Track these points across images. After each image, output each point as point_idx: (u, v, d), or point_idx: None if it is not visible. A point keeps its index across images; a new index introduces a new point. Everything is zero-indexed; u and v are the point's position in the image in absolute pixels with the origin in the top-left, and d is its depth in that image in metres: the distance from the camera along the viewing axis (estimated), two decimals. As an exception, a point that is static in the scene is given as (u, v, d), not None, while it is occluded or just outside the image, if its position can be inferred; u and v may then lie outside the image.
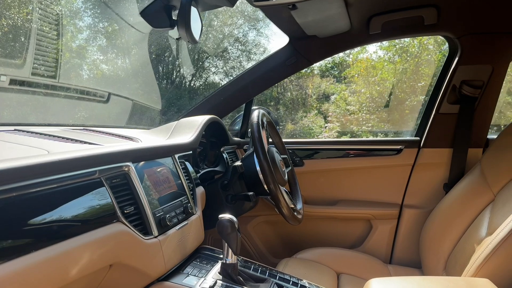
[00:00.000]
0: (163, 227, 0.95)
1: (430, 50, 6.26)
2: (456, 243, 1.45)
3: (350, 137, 6.09)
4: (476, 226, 1.39)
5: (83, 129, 1.27)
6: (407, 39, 6.22)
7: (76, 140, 0.95)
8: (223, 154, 1.62)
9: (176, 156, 1.17)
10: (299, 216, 1.40)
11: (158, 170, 1.04)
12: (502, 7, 1.42)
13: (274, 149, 1.45)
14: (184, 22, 1.14)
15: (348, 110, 6.65)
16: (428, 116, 1.72)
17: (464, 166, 1.63)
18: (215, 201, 1.37)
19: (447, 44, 1.67)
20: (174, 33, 1.22)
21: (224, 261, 1.00)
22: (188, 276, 0.98)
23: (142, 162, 0.97)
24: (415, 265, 1.70)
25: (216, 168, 1.54)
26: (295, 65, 1.67)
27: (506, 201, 1.31)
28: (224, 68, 7.44)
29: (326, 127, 6.51)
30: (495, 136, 1.67)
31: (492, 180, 1.41)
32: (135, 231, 0.85)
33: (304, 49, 1.63)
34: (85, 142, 0.95)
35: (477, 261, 1.11)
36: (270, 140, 1.59)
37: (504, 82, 1.59)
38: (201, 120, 1.34)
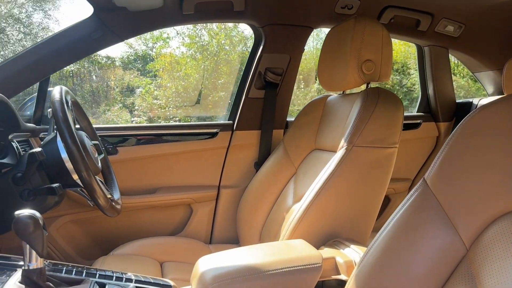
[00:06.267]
0: None
1: (227, 50, 6.77)
2: (267, 215, 1.60)
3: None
4: (284, 197, 1.56)
5: None
6: (207, 38, 6.57)
7: None
8: (12, 143, 1.30)
9: None
10: (118, 207, 1.26)
11: None
12: (296, 2, 1.62)
13: (83, 133, 1.26)
14: None
15: (155, 104, 6.54)
16: (239, 101, 1.82)
17: (270, 146, 1.81)
18: (6, 199, 1.09)
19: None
20: None
21: (26, 267, 0.79)
22: (-28, 295, 0.74)
23: None
24: (234, 241, 1.80)
25: (3, 160, 1.22)
26: (102, 39, 1.48)
27: (306, 172, 1.51)
28: (2, 52, 6.18)
29: (133, 121, 6.24)
30: (291, 119, 1.92)
31: (293, 156, 1.60)
32: None
33: (113, 22, 1.47)
34: None
35: (291, 226, 1.23)
36: (78, 126, 1.38)
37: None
38: None
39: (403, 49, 5.41)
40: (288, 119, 1.92)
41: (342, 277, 1.03)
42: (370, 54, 1.33)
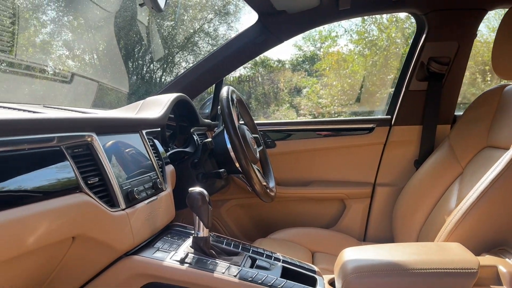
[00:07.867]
0: (131, 200, 0.91)
1: (398, 43, 6.36)
2: (427, 217, 1.48)
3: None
4: (446, 199, 1.41)
5: (43, 107, 1.20)
6: (376, 33, 6.34)
7: (30, 111, 0.89)
8: (193, 135, 1.57)
9: (144, 132, 1.13)
10: (272, 194, 1.39)
11: (125, 144, 0.99)
12: None
13: (245, 127, 1.43)
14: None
15: (320, 103, 6.66)
16: (398, 94, 1.73)
17: (433, 142, 1.66)
18: (186, 180, 1.34)
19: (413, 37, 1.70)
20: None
21: (195, 235, 0.96)
22: (158, 250, 0.94)
23: (108, 136, 0.93)
24: (388, 241, 1.72)
25: (186, 149, 1.50)
26: (265, 43, 1.64)
27: (474, 173, 1.34)
28: (195, 62, 7.33)
29: (298, 120, 6.49)
30: (460, 113, 1.72)
31: (460, 154, 1.44)
32: (101, 202, 0.80)
33: (273, 26, 1.61)
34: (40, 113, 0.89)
35: (447, 228, 1.13)
36: (242, 121, 1.57)
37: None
38: (168, 97, 1.30)
39: None
40: (457, 113, 1.72)
41: (506, 290, 0.89)
42: (562, 33, 1.09)
